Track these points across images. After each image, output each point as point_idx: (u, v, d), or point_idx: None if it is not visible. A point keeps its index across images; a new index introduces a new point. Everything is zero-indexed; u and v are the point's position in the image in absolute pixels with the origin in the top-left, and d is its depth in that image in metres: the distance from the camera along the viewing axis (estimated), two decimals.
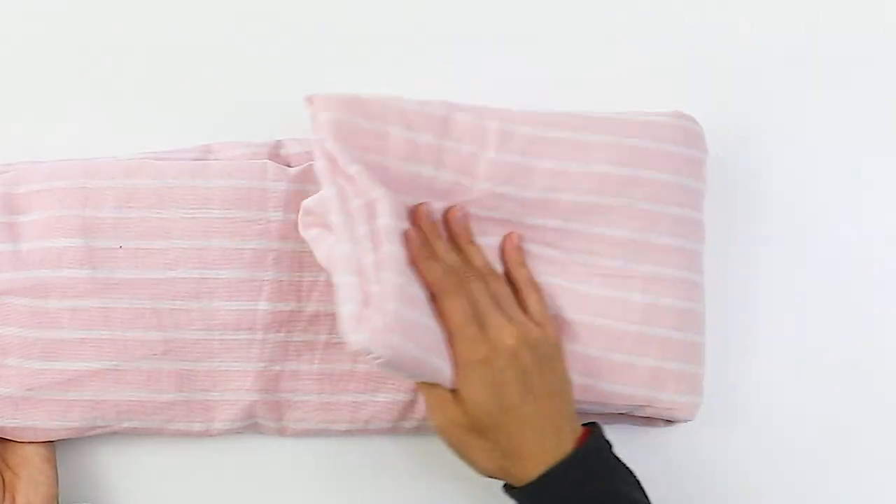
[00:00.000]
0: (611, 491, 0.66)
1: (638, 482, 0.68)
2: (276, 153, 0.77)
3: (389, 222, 0.67)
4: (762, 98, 0.81)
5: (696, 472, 0.78)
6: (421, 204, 0.71)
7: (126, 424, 0.74)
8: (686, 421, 0.75)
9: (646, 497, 0.68)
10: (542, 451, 0.66)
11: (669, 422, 0.76)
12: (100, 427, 0.74)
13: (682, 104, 0.75)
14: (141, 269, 0.73)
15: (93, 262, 0.73)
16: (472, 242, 0.73)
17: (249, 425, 0.76)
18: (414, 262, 0.69)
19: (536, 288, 0.72)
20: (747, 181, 0.81)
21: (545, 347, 0.68)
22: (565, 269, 0.73)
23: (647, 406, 0.73)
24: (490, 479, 0.69)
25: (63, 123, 0.80)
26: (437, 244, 0.71)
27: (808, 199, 0.81)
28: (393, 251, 0.66)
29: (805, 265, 0.80)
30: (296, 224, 0.72)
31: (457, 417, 0.67)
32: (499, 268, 0.73)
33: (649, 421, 0.76)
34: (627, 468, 0.69)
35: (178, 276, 0.73)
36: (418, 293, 0.67)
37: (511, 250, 0.73)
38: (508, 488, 0.68)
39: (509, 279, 0.73)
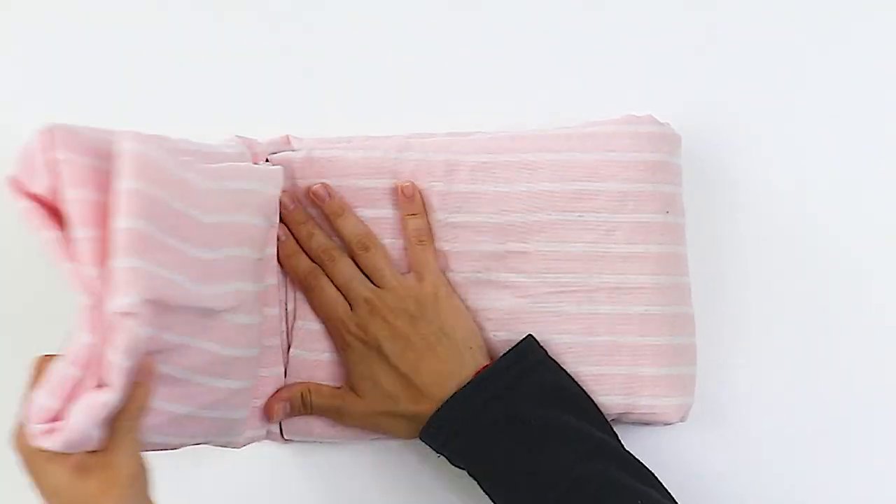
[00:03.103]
0: (512, 412, 0.68)
1: (564, 400, 0.70)
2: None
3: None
4: (745, 99, 0.81)
5: (690, 471, 0.78)
6: (282, 193, 0.73)
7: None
8: (675, 423, 0.75)
9: (585, 417, 0.70)
10: (438, 395, 0.70)
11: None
12: None
13: (659, 105, 0.77)
14: None
15: None
16: (342, 215, 0.74)
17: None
18: (280, 262, 0.74)
19: (418, 239, 0.74)
20: (734, 180, 0.80)
21: (412, 304, 0.72)
22: (528, 291, 0.74)
23: (628, 413, 0.74)
24: None
25: None
26: (300, 229, 0.74)
27: (794, 199, 0.80)
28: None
29: (793, 266, 0.80)
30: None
31: (359, 406, 0.72)
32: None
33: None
34: (552, 384, 0.71)
35: None
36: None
37: (401, 198, 0.74)
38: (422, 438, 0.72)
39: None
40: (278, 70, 0.81)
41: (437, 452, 0.71)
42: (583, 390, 0.72)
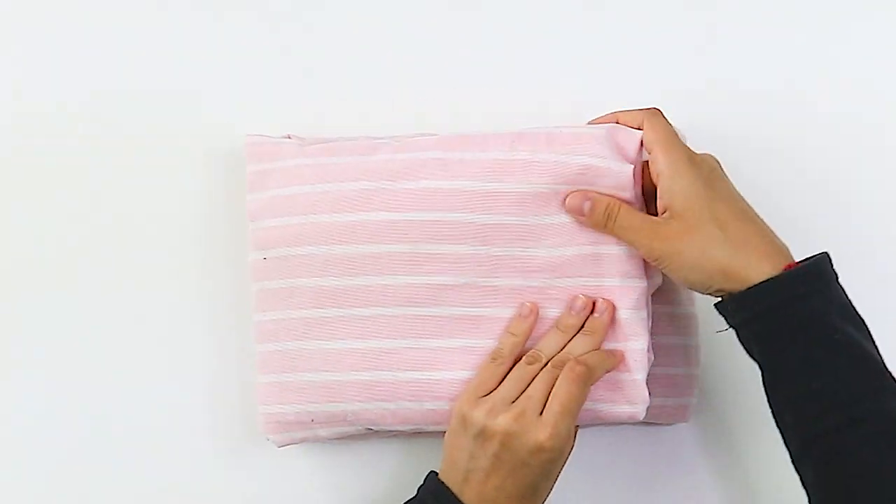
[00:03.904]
0: (816, 316, 0.67)
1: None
2: None
3: None
4: (745, 99, 0.82)
5: (690, 471, 0.78)
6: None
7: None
8: (680, 423, 0.75)
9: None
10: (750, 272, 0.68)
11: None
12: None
13: (657, 105, 0.75)
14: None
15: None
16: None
17: None
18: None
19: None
20: (733, 180, 0.79)
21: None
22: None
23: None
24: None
25: None
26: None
27: (794, 198, 0.81)
28: None
29: None
30: None
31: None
32: None
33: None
34: None
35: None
36: None
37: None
38: None
39: None
40: (278, 70, 0.81)
41: (729, 325, 0.69)
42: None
